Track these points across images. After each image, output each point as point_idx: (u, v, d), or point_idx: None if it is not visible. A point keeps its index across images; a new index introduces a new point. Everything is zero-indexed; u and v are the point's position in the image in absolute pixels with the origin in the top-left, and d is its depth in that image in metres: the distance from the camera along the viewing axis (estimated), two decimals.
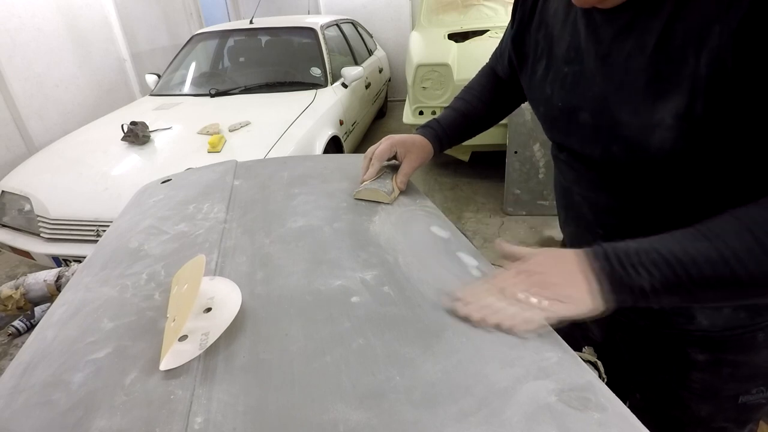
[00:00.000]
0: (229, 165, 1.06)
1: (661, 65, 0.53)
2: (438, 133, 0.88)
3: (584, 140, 0.65)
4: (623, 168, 0.62)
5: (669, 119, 0.52)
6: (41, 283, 0.96)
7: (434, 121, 0.90)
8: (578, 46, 0.63)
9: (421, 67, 2.95)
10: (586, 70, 0.62)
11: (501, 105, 0.92)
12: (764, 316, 0.65)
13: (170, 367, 0.49)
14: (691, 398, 0.73)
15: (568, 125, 0.67)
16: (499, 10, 3.87)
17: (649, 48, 0.53)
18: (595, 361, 0.56)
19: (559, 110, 0.68)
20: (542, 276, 0.53)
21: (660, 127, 0.53)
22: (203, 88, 3.30)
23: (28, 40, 3.50)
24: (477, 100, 0.91)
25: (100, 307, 0.61)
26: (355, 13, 5.38)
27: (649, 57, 0.54)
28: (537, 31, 0.72)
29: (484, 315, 0.52)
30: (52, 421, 0.44)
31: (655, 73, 0.53)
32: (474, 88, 0.93)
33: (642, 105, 0.55)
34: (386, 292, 0.58)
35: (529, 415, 0.41)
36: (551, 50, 0.69)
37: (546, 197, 2.86)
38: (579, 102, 0.64)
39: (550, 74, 0.69)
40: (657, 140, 0.54)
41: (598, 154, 0.64)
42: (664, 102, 0.53)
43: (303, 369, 0.47)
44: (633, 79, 0.56)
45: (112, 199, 2.02)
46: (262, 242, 0.72)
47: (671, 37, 0.51)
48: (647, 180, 0.60)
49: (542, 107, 0.73)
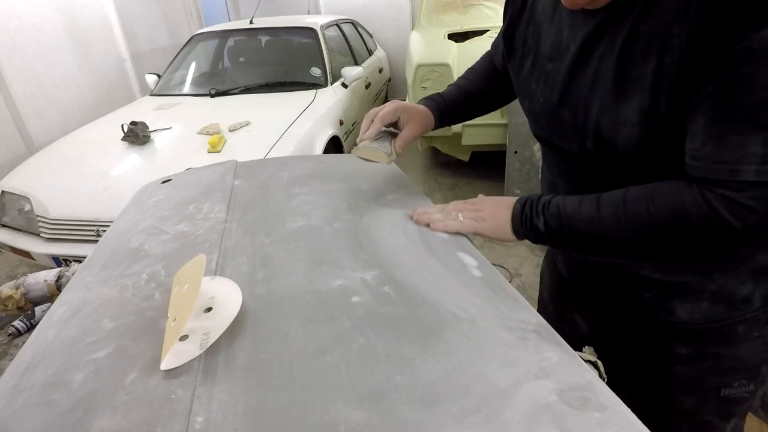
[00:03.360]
0: (229, 165, 1.06)
1: (627, 65, 0.56)
2: (440, 106, 0.89)
3: (563, 136, 0.68)
4: (596, 163, 0.65)
5: (634, 117, 0.56)
6: (41, 283, 0.96)
7: (437, 95, 0.91)
8: (560, 44, 0.65)
9: (421, 67, 2.95)
10: (566, 68, 0.64)
11: (500, 91, 0.93)
12: (740, 310, 0.67)
13: (171, 366, 0.49)
14: (674, 391, 0.74)
15: (549, 121, 0.70)
16: (499, 10, 3.87)
17: (616, 48, 0.56)
18: (596, 361, 0.56)
19: (542, 106, 0.70)
20: (477, 206, 0.71)
21: (626, 124, 0.57)
22: (203, 88, 3.30)
23: (28, 40, 3.50)
24: (480, 80, 0.92)
25: (100, 307, 0.61)
26: (355, 13, 5.37)
27: (617, 57, 0.56)
28: (526, 26, 0.73)
29: (420, 218, 0.73)
30: (52, 421, 0.44)
31: (621, 73, 0.56)
32: (477, 70, 0.94)
33: (610, 103, 0.58)
34: (386, 292, 0.58)
35: (530, 415, 0.41)
36: (538, 46, 0.70)
37: None
38: (559, 99, 0.66)
39: (535, 71, 0.71)
40: (623, 137, 0.57)
41: (575, 149, 0.66)
42: (629, 100, 0.56)
43: (303, 369, 0.48)
44: (603, 78, 0.58)
45: (112, 199, 2.02)
46: (262, 242, 0.72)
47: (636, 38, 0.54)
48: (616, 174, 0.62)
49: (527, 102, 0.75)
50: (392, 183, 0.92)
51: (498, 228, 0.68)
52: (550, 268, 0.96)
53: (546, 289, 0.99)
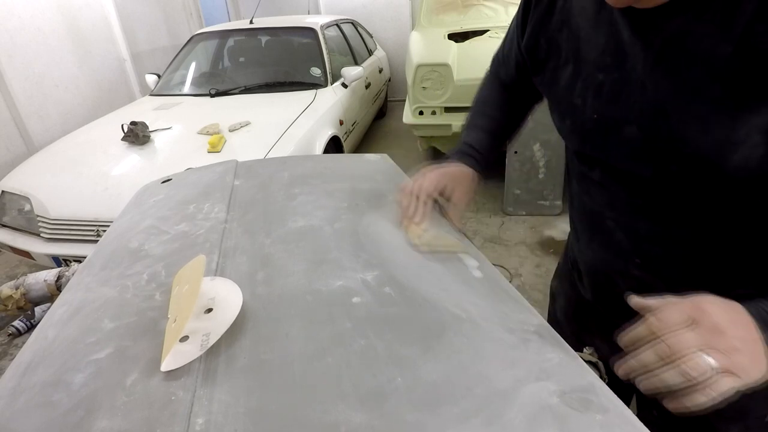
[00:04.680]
0: (229, 165, 1.06)
1: (745, 72, 0.46)
2: (478, 160, 0.81)
3: (630, 157, 0.58)
4: (680, 189, 0.55)
5: (757, 135, 0.46)
6: (41, 283, 0.96)
7: (467, 147, 0.82)
8: (617, 50, 0.55)
9: (421, 67, 2.95)
10: (631, 78, 0.54)
11: (518, 113, 0.86)
12: None
13: (171, 368, 0.48)
14: (719, 420, 0.66)
15: (606, 140, 0.59)
16: (499, 10, 3.87)
17: (724, 53, 0.46)
18: (596, 362, 0.56)
19: (595, 122, 0.60)
20: (722, 336, 0.42)
21: (744, 144, 0.47)
22: (203, 88, 3.30)
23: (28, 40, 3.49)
24: (498, 112, 0.85)
25: (100, 307, 0.61)
26: (355, 13, 5.37)
27: (727, 63, 0.46)
28: (558, 32, 0.64)
29: (644, 384, 0.44)
30: (52, 421, 0.44)
31: (737, 82, 0.46)
32: (491, 102, 0.86)
33: (718, 118, 0.48)
34: (387, 293, 0.58)
35: (531, 417, 0.41)
36: (578, 54, 0.61)
37: (546, 197, 2.85)
38: (623, 114, 0.56)
39: (579, 82, 0.61)
40: (738, 159, 0.47)
41: (648, 172, 0.56)
42: (750, 115, 0.46)
43: (304, 370, 0.47)
44: (701, 89, 0.49)
45: (112, 199, 2.02)
46: (262, 242, 0.72)
47: (756, 40, 0.45)
48: (709, 202, 0.53)
49: (569, 119, 0.64)
50: (392, 183, 0.91)
51: (756, 376, 0.43)
52: (566, 289, 0.87)
53: (560, 309, 0.91)
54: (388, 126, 4.99)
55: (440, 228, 0.71)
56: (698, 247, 0.57)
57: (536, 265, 2.42)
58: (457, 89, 2.91)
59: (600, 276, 0.73)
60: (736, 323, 0.44)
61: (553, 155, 2.69)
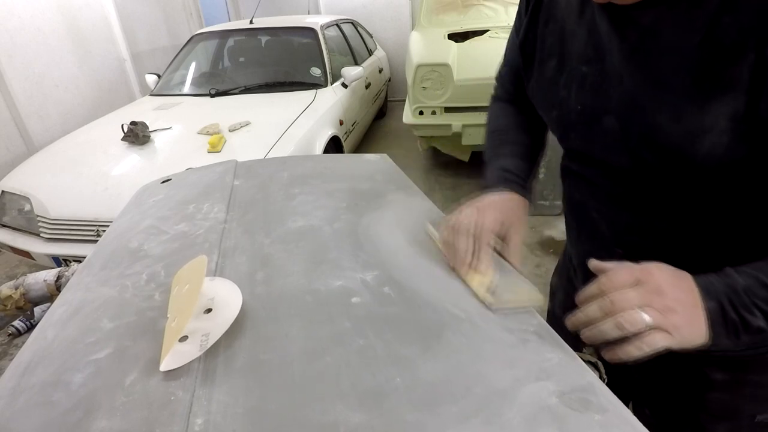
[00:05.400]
0: (229, 165, 1.06)
1: (712, 62, 0.47)
2: (525, 187, 0.75)
3: (609, 148, 0.59)
4: (656, 179, 0.56)
5: (723, 122, 0.47)
6: (41, 283, 0.96)
7: (511, 175, 0.75)
8: (598, 42, 0.57)
9: (421, 67, 2.95)
10: (610, 70, 0.56)
11: (539, 128, 0.81)
12: None
13: (171, 368, 0.48)
14: (707, 419, 0.68)
15: (588, 131, 0.60)
16: (499, 10, 3.87)
17: (692, 44, 0.48)
18: (596, 362, 0.56)
19: (578, 114, 0.61)
20: (661, 296, 0.46)
21: (711, 131, 0.48)
22: (203, 88, 3.30)
23: (28, 40, 3.49)
24: (523, 134, 0.81)
25: (100, 307, 0.61)
26: (355, 13, 5.37)
27: (695, 54, 0.48)
28: (544, 26, 0.65)
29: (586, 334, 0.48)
30: (52, 421, 0.44)
31: (704, 72, 0.48)
32: (513, 126, 0.82)
33: (687, 107, 0.49)
34: (386, 293, 0.58)
35: (530, 417, 0.41)
36: (563, 47, 0.62)
37: (546, 197, 2.85)
38: (603, 104, 0.57)
39: (563, 75, 0.63)
40: (706, 146, 0.49)
41: (626, 162, 0.57)
42: (716, 104, 0.47)
43: (303, 370, 0.47)
44: (672, 79, 0.50)
45: (112, 199, 2.02)
46: (262, 242, 0.72)
47: (721, 31, 0.46)
48: (683, 192, 0.55)
49: (555, 111, 0.65)
50: (392, 183, 0.91)
51: (691, 339, 0.47)
52: (564, 285, 0.88)
53: (559, 304, 0.91)
54: (388, 126, 5.00)
55: (506, 275, 0.61)
56: (677, 239, 0.59)
57: (536, 265, 2.42)
58: (457, 89, 2.91)
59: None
60: (679, 287, 0.47)
61: (552, 155, 2.69)
